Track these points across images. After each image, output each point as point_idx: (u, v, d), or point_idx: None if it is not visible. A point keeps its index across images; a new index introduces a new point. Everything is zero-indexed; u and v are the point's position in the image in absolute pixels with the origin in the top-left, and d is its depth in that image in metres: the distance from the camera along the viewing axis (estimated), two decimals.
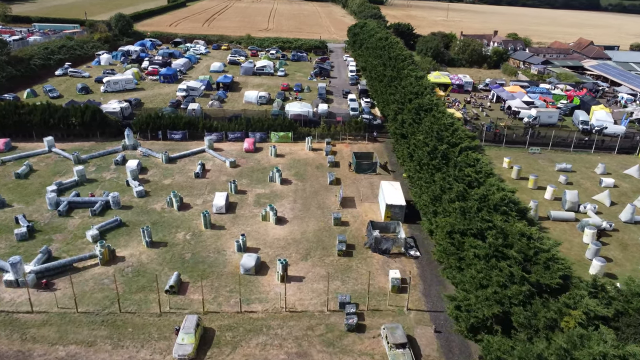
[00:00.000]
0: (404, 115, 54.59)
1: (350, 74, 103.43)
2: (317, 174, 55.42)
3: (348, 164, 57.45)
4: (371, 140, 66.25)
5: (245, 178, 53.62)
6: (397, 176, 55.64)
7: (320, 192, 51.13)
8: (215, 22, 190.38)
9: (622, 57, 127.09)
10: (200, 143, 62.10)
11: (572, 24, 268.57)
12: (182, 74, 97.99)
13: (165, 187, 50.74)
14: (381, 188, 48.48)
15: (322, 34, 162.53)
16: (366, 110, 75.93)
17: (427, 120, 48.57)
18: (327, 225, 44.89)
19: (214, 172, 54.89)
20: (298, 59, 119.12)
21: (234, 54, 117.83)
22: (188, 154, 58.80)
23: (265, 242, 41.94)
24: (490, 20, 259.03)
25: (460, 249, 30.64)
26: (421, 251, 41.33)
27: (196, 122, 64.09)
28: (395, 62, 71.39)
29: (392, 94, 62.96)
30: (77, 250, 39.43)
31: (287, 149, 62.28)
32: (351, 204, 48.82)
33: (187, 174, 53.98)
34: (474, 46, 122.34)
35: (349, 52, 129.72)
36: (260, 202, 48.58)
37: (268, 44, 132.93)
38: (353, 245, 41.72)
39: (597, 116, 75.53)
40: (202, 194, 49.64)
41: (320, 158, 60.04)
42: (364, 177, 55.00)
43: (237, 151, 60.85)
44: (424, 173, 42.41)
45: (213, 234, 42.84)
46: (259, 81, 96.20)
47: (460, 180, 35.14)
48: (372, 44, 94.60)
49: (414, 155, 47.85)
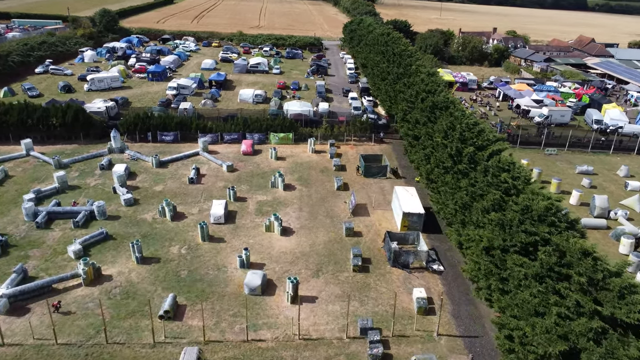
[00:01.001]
0: (417, 114, 50.78)
1: (348, 71, 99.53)
2: (323, 179, 51.34)
3: (356, 168, 53.43)
4: (377, 142, 62.34)
5: (245, 183, 49.37)
6: (409, 181, 51.77)
7: (327, 199, 47.06)
8: (205, 19, 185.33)
9: (624, 54, 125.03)
10: (193, 145, 57.66)
11: (566, 23, 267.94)
12: (172, 71, 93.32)
13: (157, 194, 46.29)
14: (395, 194, 44.58)
15: (316, 31, 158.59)
16: (369, 110, 72.08)
17: (444, 120, 44.82)
18: (338, 236, 40.82)
19: (209, 177, 50.53)
20: (293, 56, 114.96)
21: (225, 51, 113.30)
22: (181, 157, 54.35)
23: (270, 256, 37.74)
24: (482, 19, 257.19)
25: (502, 267, 26.77)
26: (444, 265, 37.47)
27: (189, 122, 59.65)
28: (401, 58, 67.70)
29: (401, 92, 59.17)
30: (57, 269, 34.87)
31: (288, 151, 58.12)
32: (362, 212, 44.82)
33: (181, 179, 49.56)
34: (475, 43, 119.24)
35: (345, 49, 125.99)
36: (263, 210, 44.36)
37: (261, 41, 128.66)
38: (369, 259, 37.71)
39: (611, 115, 72.56)
40: (198, 202, 45.28)
41: (324, 161, 55.95)
42: (374, 182, 51.04)
43: (234, 154, 56.51)
44: (448, 178, 38.56)
45: (211, 247, 38.54)
46: (254, 79, 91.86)
47: (495, 187, 31.32)
48: (371, 40, 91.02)
49: (431, 158, 44.02)
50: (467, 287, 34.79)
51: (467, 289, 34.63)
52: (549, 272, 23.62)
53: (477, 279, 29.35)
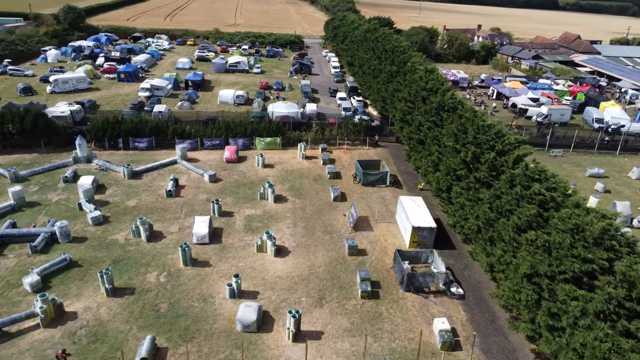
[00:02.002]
0: (419, 116, 46.66)
1: (333, 70, 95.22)
2: (317, 188, 46.71)
3: (353, 175, 48.97)
4: (372, 145, 58.06)
5: (230, 195, 44.34)
6: (411, 188, 47.60)
7: (324, 211, 42.45)
8: (178, 17, 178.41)
9: (611, 51, 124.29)
10: (170, 152, 52.28)
11: (542, 21, 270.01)
12: (144, 71, 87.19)
13: (130, 210, 40.88)
14: (400, 205, 40.30)
15: (295, 30, 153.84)
16: (360, 110, 67.79)
17: (451, 121, 40.82)
18: (339, 255, 36.27)
19: (190, 188, 45.32)
20: (274, 54, 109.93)
21: (201, 49, 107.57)
22: (156, 167, 48.93)
23: (264, 282, 32.92)
24: (461, 17, 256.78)
25: (552, 299, 22.64)
26: (463, 287, 33.32)
27: (164, 127, 54.22)
28: (394, 54, 63.61)
29: (398, 91, 55.04)
30: (9, 306, 29.34)
31: (276, 158, 53.29)
32: (364, 226, 40.38)
33: (157, 192, 44.21)
34: (462, 40, 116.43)
35: (328, 47, 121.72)
36: (252, 226, 39.46)
37: (239, 39, 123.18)
38: (378, 283, 33.27)
39: (611, 113, 70.13)
40: (178, 218, 40.08)
41: (317, 168, 51.33)
42: (374, 191, 46.68)
43: (216, 161, 51.37)
44: (462, 187, 34.45)
45: (195, 273, 33.49)
46: (233, 79, 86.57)
47: (528, 201, 27.25)
48: (357, 36, 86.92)
49: (439, 164, 39.89)
50: (492, 314, 30.70)
51: (493, 316, 30.54)
52: (617, 309, 19.59)
53: (516, 309, 25.15)
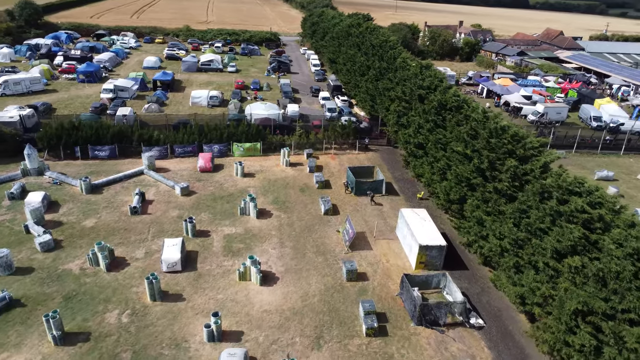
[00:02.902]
0: (417, 117, 42.25)
1: (314, 68, 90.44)
2: (304, 200, 41.74)
3: (344, 184, 44.16)
4: (362, 149, 53.42)
5: (206, 211, 38.97)
6: (409, 197, 43.11)
7: (314, 227, 37.52)
8: (146, 14, 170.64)
9: (595, 47, 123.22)
10: (136, 162, 46.51)
11: (517, 19, 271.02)
12: (108, 71, 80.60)
13: (87, 232, 35.11)
14: (402, 219, 35.73)
15: (271, 27, 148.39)
16: (346, 111, 63.16)
17: (456, 122, 36.55)
18: (336, 280, 31.43)
19: (159, 204, 39.73)
20: (249, 52, 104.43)
21: (171, 47, 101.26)
22: (120, 179, 43.14)
23: (250, 319, 27.79)
24: (436, 16, 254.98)
25: (619, 345, 18.31)
26: (483, 316, 28.91)
27: (129, 132, 48.41)
28: (382, 50, 59.25)
29: (389, 90, 50.59)
30: None
31: (257, 166, 48.10)
32: (362, 244, 35.62)
33: (120, 209, 38.50)
34: (445, 37, 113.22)
35: (306, 44, 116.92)
36: (233, 248, 34.24)
37: (211, 37, 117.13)
38: (384, 315, 28.56)
39: (608, 111, 67.47)
40: (144, 241, 34.54)
41: (302, 176, 46.36)
42: (368, 201, 41.96)
43: (189, 171, 45.85)
44: (481, 200, 30.07)
45: (165, 310, 28.13)
46: (206, 78, 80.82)
47: (569, 219, 22.93)
48: (339, 32, 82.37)
49: (447, 172, 35.48)
50: (521, 350, 26.33)
51: (522, 353, 26.16)
52: None
53: (565, 355, 20.75)
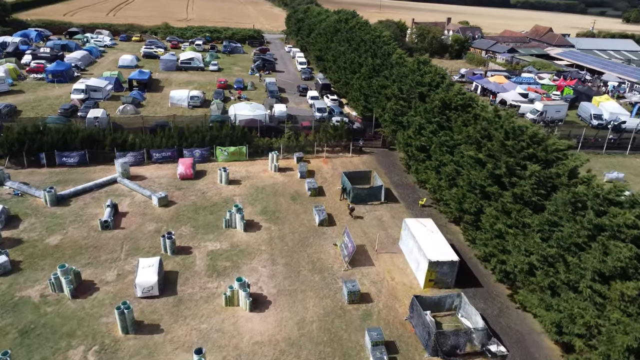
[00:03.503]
0: (418, 117, 39.01)
1: (300, 66, 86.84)
2: (296, 209, 38.12)
3: (340, 191, 40.61)
4: (356, 152, 50.02)
5: (187, 224, 35.08)
6: (410, 204, 39.82)
7: (309, 241, 33.94)
8: (123, 12, 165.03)
9: (585, 44, 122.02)
10: (109, 169, 42.35)
11: (500, 17, 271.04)
12: (80, 70, 75.84)
13: (50, 251, 30.99)
14: (406, 230, 32.41)
15: (254, 25, 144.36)
16: (336, 111, 59.74)
17: (463, 122, 33.41)
18: (336, 303, 27.91)
19: (133, 216, 35.71)
20: (232, 50, 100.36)
21: (149, 45, 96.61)
22: (90, 189, 38.95)
23: (239, 353, 24.09)
24: (418, 15, 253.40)
25: None
26: (505, 342, 25.68)
27: (101, 137, 44.20)
28: (375, 46, 56.06)
29: (385, 88, 47.34)
30: None
31: (243, 171, 44.32)
32: (362, 259, 32.17)
33: (89, 223, 34.39)
34: (434, 33, 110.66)
35: (291, 41, 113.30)
36: (217, 267, 30.48)
37: (191, 34, 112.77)
38: (393, 344, 25.12)
39: (608, 109, 65.38)
40: (117, 260, 30.56)
41: (293, 183, 42.72)
42: (367, 210, 38.54)
43: (168, 179, 41.85)
44: (500, 211, 26.87)
45: (140, 344, 24.27)
46: (186, 78, 76.62)
47: (614, 234, 19.79)
48: (326, 28, 79.09)
49: (457, 178, 32.25)
50: None
51: None
52: None
53: None
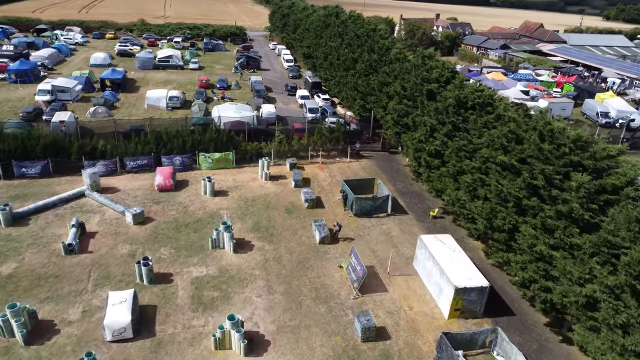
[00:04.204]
0: (426, 117, 34.98)
1: (286, 64, 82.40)
2: (293, 225, 33.68)
3: (342, 200, 36.22)
4: (353, 156, 45.80)
5: (167, 245, 30.38)
6: (420, 216, 35.71)
7: (309, 262, 29.55)
8: (96, 9, 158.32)
9: (577, 40, 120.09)
10: (75, 181, 37.33)
11: (484, 15, 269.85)
12: (47, 69, 70.15)
13: (2, 283, 26.01)
14: (423, 249, 28.28)
15: (236, 21, 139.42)
16: (329, 111, 55.47)
17: (484, 124, 29.50)
18: (347, 341, 23.59)
19: (104, 237, 30.85)
20: (213, 47, 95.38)
21: (123, 42, 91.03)
22: (53, 204, 33.94)
23: None
24: (404, 12, 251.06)
25: None
26: None
27: (67, 143, 39.12)
28: (371, 40, 52.04)
29: (387, 85, 43.26)
30: None
31: (230, 180, 39.70)
32: (373, 283, 27.90)
33: (50, 246, 29.45)
34: (424, 29, 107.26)
35: (275, 39, 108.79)
36: (204, 298, 25.90)
37: (170, 31, 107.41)
38: None
39: (615, 106, 62.53)
40: (82, 293, 25.76)
41: (287, 193, 38.26)
42: (372, 223, 34.29)
43: (144, 191, 37.00)
44: (539, 228, 22.91)
45: None
46: (165, 77, 71.52)
47: None
48: (314, 23, 74.91)
49: (479, 189, 28.24)
50: None
51: None
52: None
53: None
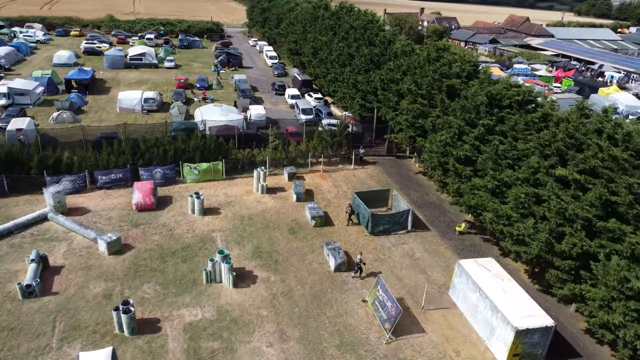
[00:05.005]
0: (451, 117, 30.57)
1: (270, 61, 77.14)
2: (300, 248, 28.72)
3: (347, 216, 31.33)
4: (358, 163, 41.06)
5: (151, 280, 25.06)
6: (445, 232, 31.24)
7: (326, 297, 24.67)
8: (60, 5, 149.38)
9: (565, 34, 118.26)
10: (35, 201, 31.54)
11: (457, 11, 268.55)
12: (4, 69, 63.21)
13: None
14: (463, 276, 23.80)
15: (212, 17, 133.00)
16: (324, 112, 50.70)
17: (525, 125, 25.27)
18: None
19: (71, 273, 25.31)
20: (189, 44, 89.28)
21: (90, 40, 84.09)
22: (7, 232, 28.15)
23: None
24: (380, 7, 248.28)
25: None
26: None
27: (25, 156, 33.25)
28: (370, 32, 47.67)
29: (396, 82, 38.73)
30: None
31: (221, 195, 34.47)
32: (405, 320, 23.16)
33: (3, 288, 23.80)
34: (411, 24, 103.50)
35: (254, 35, 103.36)
36: (201, 352, 20.78)
37: (141, 27, 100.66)
38: None
39: (623, 101, 59.69)
40: (45, 353, 20.31)
41: (288, 208, 33.26)
42: (392, 243, 29.61)
43: (119, 211, 31.46)
44: (629, 257, 18.67)
45: None
46: (137, 76, 65.43)
47: None
48: (300, 16, 70.13)
49: (533, 207, 23.90)
50: None
51: None
52: None
53: None
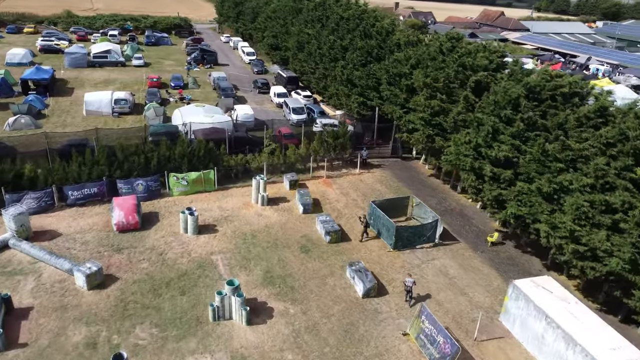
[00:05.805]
0: (479, 114, 27.33)
1: (247, 58, 72.54)
2: (317, 269, 24.78)
3: (363, 229, 27.50)
4: (362, 167, 37.37)
5: (144, 320, 20.58)
6: (472, 242, 27.91)
7: (359, 331, 20.86)
8: (11, 2, 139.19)
9: (540, 27, 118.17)
10: None
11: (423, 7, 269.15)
12: None
13: None
14: (520, 300, 20.48)
15: (179, 13, 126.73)
16: (317, 111, 46.90)
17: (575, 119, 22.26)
18: None
19: (43, 316, 20.55)
20: (156, 41, 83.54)
21: (47, 37, 77.42)
22: None
23: None
24: None
25: None
26: None
27: None
28: (365, 23, 44.41)
29: (404, 76, 35.32)
30: None
31: (215, 209, 30.08)
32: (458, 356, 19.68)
33: None
34: (392, 19, 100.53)
35: (226, 30, 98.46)
36: None
37: (102, 24, 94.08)
38: None
39: (619, 94, 58.02)
40: None
41: (295, 221, 29.21)
42: (420, 259, 26.01)
43: (97, 233, 26.66)
44: None
45: None
46: (104, 76, 59.76)
47: None
48: (280, 9, 66.25)
49: (598, 217, 20.81)
50: None
51: None
52: None
53: None
